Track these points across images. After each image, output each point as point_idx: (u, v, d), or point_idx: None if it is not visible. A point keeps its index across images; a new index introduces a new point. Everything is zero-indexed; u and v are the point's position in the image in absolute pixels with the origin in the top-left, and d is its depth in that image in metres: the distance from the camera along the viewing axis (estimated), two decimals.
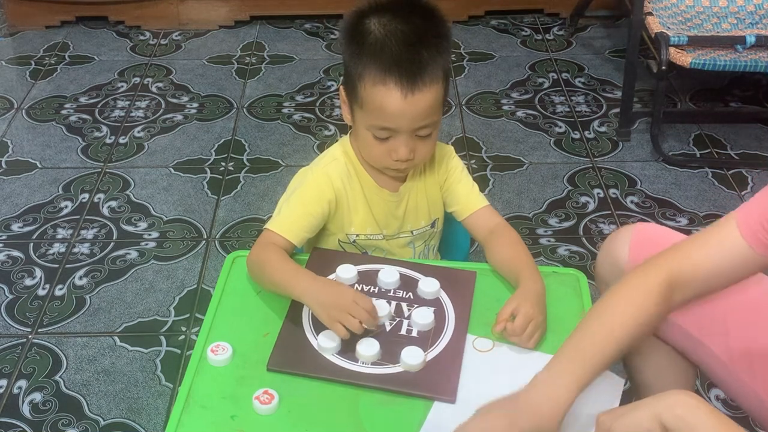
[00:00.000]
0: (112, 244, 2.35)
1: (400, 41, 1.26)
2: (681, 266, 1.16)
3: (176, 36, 3.49)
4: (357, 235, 1.44)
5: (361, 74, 1.28)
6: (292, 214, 1.38)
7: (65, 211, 2.48)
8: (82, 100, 3.05)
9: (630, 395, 1.41)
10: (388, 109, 1.27)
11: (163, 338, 2.05)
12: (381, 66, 1.26)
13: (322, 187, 1.39)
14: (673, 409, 0.96)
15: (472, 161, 2.69)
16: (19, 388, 1.92)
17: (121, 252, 2.32)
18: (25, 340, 2.05)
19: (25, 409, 1.87)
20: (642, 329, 1.16)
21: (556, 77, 3.18)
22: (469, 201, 1.47)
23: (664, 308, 1.17)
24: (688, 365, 1.33)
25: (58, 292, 2.18)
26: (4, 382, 1.93)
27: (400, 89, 1.26)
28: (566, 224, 2.42)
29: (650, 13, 2.65)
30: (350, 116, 1.37)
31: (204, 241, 2.36)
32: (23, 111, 2.98)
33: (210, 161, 2.71)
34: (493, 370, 1.20)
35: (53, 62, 3.29)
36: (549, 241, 2.35)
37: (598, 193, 2.55)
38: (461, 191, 1.47)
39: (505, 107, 3.00)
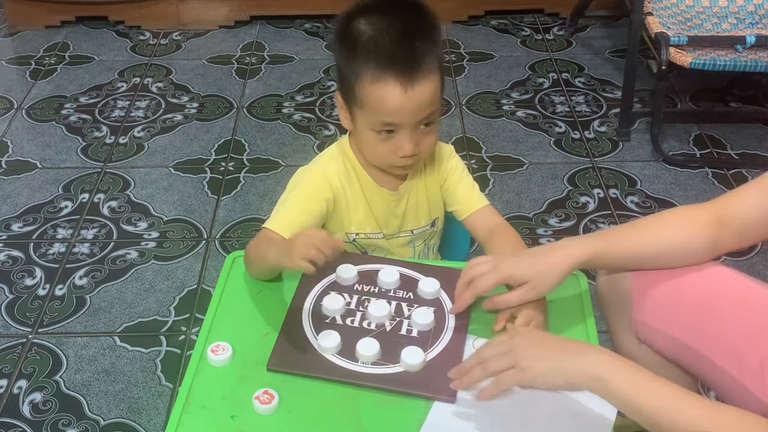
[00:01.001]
0: (112, 244, 2.35)
1: (392, 36, 1.26)
2: (727, 205, 1.24)
3: (176, 36, 3.49)
4: (357, 234, 1.44)
5: (358, 74, 1.28)
6: (290, 213, 1.38)
7: (65, 211, 2.48)
8: (82, 100, 3.05)
9: None
10: (389, 104, 1.27)
11: (163, 338, 2.05)
12: (378, 63, 1.26)
13: (320, 185, 1.39)
14: (592, 370, 1.04)
15: (472, 161, 2.69)
16: (19, 388, 1.92)
17: (121, 252, 2.32)
18: (25, 340, 2.05)
19: (25, 409, 1.87)
20: (683, 248, 1.25)
21: (556, 77, 3.18)
22: (470, 200, 1.47)
23: (713, 239, 1.24)
24: (691, 380, 1.33)
25: (58, 292, 2.18)
26: (4, 382, 1.93)
27: (400, 83, 1.26)
28: (566, 224, 2.42)
29: (650, 13, 2.65)
30: (349, 120, 1.37)
31: (204, 241, 2.36)
32: (23, 111, 2.98)
33: (210, 161, 2.71)
34: None
35: (53, 62, 3.29)
36: (549, 241, 2.35)
37: (598, 193, 2.55)
38: (462, 191, 1.47)
39: (505, 107, 3.00)
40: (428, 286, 1.30)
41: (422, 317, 1.24)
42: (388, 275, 1.31)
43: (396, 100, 1.27)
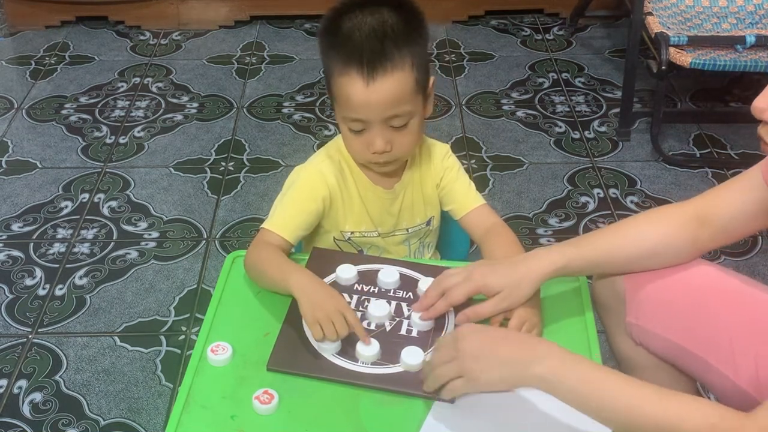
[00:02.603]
0: (112, 244, 2.36)
1: (364, 33, 1.27)
2: (711, 201, 1.25)
3: (176, 36, 3.49)
4: (352, 233, 1.45)
5: (329, 67, 1.31)
6: (287, 213, 1.38)
7: (65, 211, 2.48)
8: (82, 100, 3.05)
9: None
10: (353, 98, 1.28)
11: (163, 338, 2.05)
12: (344, 57, 1.27)
13: (316, 184, 1.40)
14: (537, 373, 1.04)
15: (472, 161, 2.69)
16: (20, 388, 1.92)
17: (121, 252, 2.32)
18: (25, 340, 2.05)
19: (25, 409, 1.87)
20: (661, 248, 1.24)
21: (556, 77, 3.18)
22: (466, 200, 1.47)
23: (691, 236, 1.24)
24: (688, 380, 1.33)
25: (58, 292, 2.18)
26: (4, 382, 1.93)
27: (361, 78, 1.26)
28: (566, 224, 2.42)
29: (650, 13, 2.66)
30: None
31: (204, 241, 2.36)
32: (23, 111, 2.98)
33: (210, 161, 2.71)
34: None
35: (53, 62, 3.29)
36: (549, 241, 2.35)
37: (598, 193, 2.55)
38: (458, 190, 1.47)
39: (505, 107, 3.00)
40: (428, 285, 1.30)
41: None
42: (388, 275, 1.31)
43: (359, 94, 1.27)
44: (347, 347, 1.20)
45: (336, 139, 1.45)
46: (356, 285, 1.31)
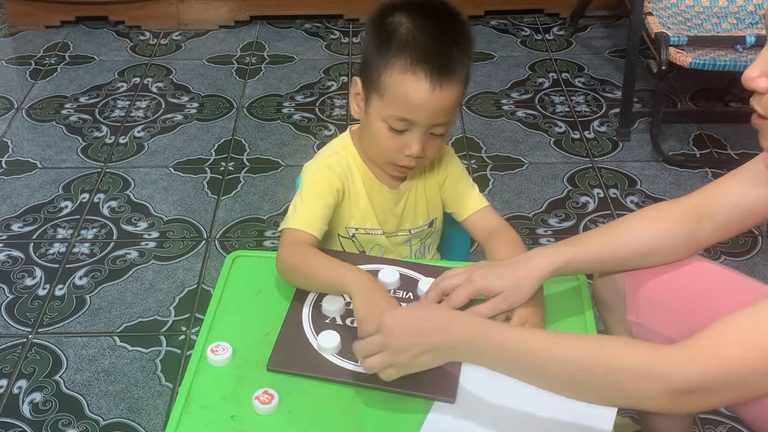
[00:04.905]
0: (112, 244, 2.36)
1: (432, 36, 1.27)
2: (709, 196, 1.25)
3: (176, 36, 3.49)
4: (356, 230, 1.44)
5: (388, 62, 1.28)
6: (310, 208, 1.37)
7: (65, 211, 2.48)
8: (82, 100, 3.05)
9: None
10: (413, 99, 1.27)
11: (163, 338, 2.05)
12: (412, 56, 1.26)
13: (330, 177, 1.39)
14: (457, 352, 1.08)
15: (472, 161, 2.69)
16: (19, 388, 1.92)
17: (121, 252, 2.32)
18: (25, 340, 2.05)
19: (25, 409, 1.87)
20: (659, 246, 1.25)
21: (556, 77, 3.18)
22: (469, 202, 1.47)
23: (690, 232, 1.24)
24: None
25: (58, 292, 2.18)
26: (4, 382, 1.93)
27: (429, 81, 1.26)
28: (566, 224, 2.42)
29: (650, 13, 2.66)
30: (362, 110, 1.36)
31: (204, 241, 2.36)
32: (23, 111, 2.98)
33: (210, 161, 2.71)
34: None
35: (53, 62, 3.29)
36: (549, 241, 2.35)
37: (598, 193, 2.55)
38: (461, 192, 1.48)
39: (505, 107, 3.00)
40: (428, 286, 1.30)
41: None
42: (388, 275, 1.31)
43: (421, 96, 1.27)
44: (347, 347, 1.20)
45: (342, 136, 1.45)
46: None
